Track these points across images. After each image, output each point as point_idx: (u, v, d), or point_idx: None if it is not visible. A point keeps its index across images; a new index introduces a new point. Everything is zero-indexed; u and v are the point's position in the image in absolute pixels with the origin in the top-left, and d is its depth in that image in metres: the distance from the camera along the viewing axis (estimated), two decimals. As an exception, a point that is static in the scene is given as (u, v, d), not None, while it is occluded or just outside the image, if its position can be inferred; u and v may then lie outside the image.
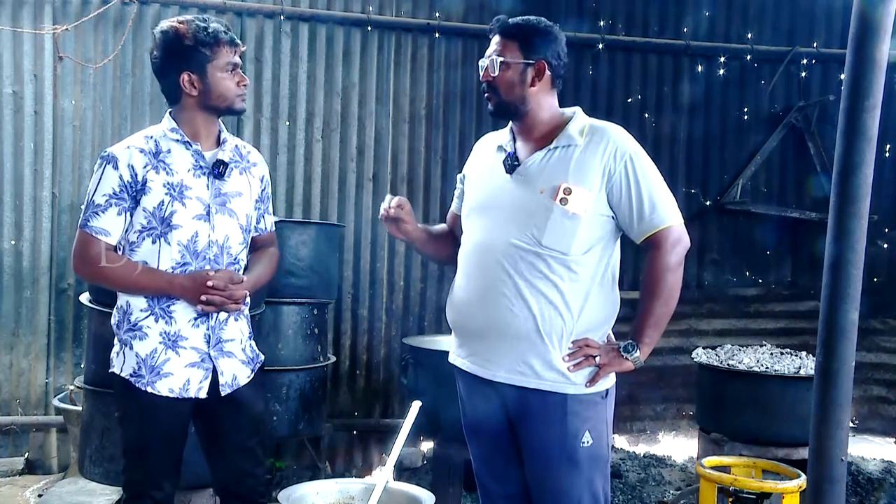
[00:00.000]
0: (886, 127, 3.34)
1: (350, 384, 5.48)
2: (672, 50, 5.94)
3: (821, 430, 2.41)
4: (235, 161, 2.63)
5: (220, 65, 2.48)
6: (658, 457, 5.47)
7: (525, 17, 2.51)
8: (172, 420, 2.54)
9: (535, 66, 2.46)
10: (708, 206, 6.05)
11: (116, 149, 2.52)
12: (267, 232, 2.78)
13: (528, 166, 2.45)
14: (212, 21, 2.51)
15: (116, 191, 2.47)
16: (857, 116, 2.35)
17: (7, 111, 4.99)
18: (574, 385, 2.41)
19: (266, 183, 2.76)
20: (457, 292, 2.55)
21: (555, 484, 2.44)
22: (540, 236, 2.38)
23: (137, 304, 2.51)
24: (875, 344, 6.04)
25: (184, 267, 2.49)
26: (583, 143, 2.43)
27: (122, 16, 5.09)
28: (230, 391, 2.58)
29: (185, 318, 2.51)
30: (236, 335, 2.62)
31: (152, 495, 2.54)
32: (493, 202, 2.48)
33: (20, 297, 5.00)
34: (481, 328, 2.45)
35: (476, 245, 2.49)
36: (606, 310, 2.49)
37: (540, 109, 2.50)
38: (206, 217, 2.52)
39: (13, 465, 4.92)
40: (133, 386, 2.50)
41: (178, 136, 2.53)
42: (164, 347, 2.50)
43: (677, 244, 2.43)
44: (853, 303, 2.38)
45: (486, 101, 2.53)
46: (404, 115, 5.54)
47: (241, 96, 2.54)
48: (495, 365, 2.44)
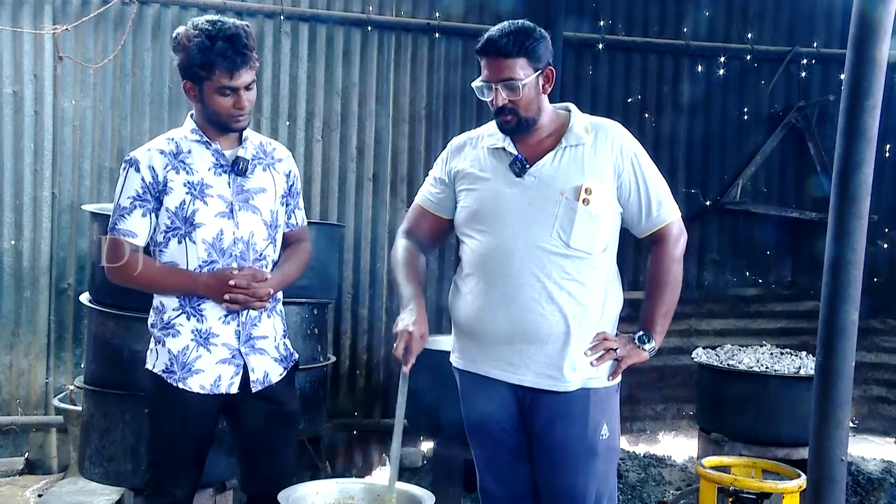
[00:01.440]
0: (886, 127, 3.33)
1: (350, 384, 5.48)
2: (672, 50, 5.94)
3: (821, 430, 2.41)
4: (259, 158, 2.64)
5: (214, 87, 2.45)
6: (658, 457, 5.47)
7: (511, 25, 2.40)
8: (201, 417, 2.57)
9: (544, 74, 2.44)
10: (708, 206, 6.04)
11: (138, 152, 2.57)
12: (298, 227, 2.79)
13: (540, 168, 2.43)
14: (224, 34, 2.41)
15: (140, 193, 2.51)
16: (857, 116, 2.35)
17: (7, 111, 4.99)
18: (597, 379, 2.44)
19: (294, 178, 2.75)
20: (470, 297, 2.49)
21: (572, 479, 2.44)
22: (567, 238, 2.38)
23: (170, 304, 2.55)
24: (875, 344, 6.04)
25: (211, 265, 2.52)
26: (590, 140, 2.44)
27: (122, 16, 5.09)
28: (261, 388, 2.59)
29: (216, 316, 2.54)
30: (269, 332, 2.64)
31: (172, 492, 2.57)
32: (503, 205, 2.44)
33: (20, 297, 5.00)
34: (507, 333, 2.42)
35: (491, 249, 2.44)
36: (619, 304, 2.54)
37: (545, 113, 2.49)
38: (230, 214, 2.54)
39: (13, 465, 4.92)
40: (165, 381, 2.54)
41: (198, 137, 2.56)
42: (195, 345, 2.54)
43: (680, 237, 2.51)
44: (853, 303, 2.39)
45: (504, 122, 2.44)
46: (404, 115, 5.54)
47: (235, 118, 2.50)
48: (520, 369, 2.43)
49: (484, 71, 2.43)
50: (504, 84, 2.38)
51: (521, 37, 2.38)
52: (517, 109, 2.41)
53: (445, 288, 5.40)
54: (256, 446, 2.66)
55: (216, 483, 3.66)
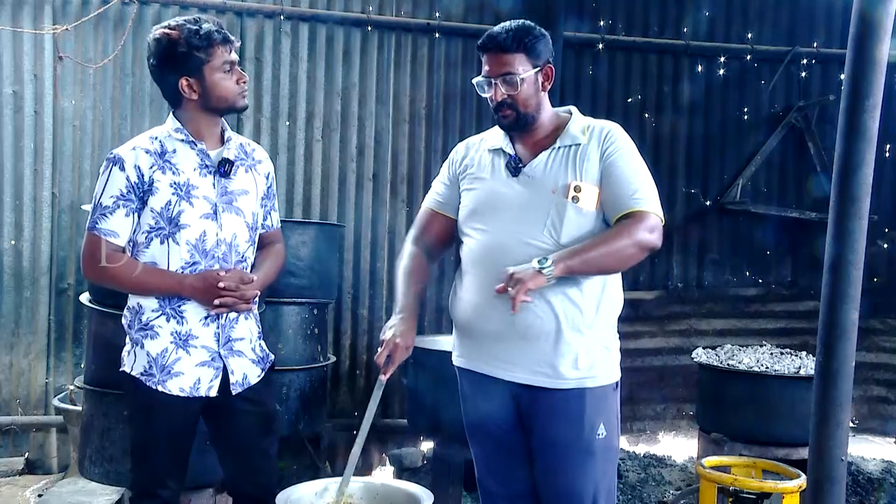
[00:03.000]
0: (886, 127, 3.33)
1: (350, 384, 5.48)
2: (672, 50, 5.94)
3: (821, 430, 2.41)
4: (241, 159, 2.63)
5: (217, 65, 2.47)
6: (658, 457, 5.47)
7: (512, 23, 2.46)
8: (181, 419, 2.55)
9: (544, 71, 2.47)
10: (708, 206, 6.05)
11: (122, 150, 2.52)
12: (273, 229, 2.79)
13: (533, 167, 2.46)
14: (203, 21, 2.49)
15: (124, 192, 2.47)
16: (857, 116, 2.35)
17: (7, 111, 4.99)
18: (593, 378, 2.43)
19: (272, 180, 2.76)
20: (467, 294, 2.52)
21: (569, 479, 2.45)
22: (558, 236, 2.38)
23: (149, 305, 2.52)
24: (875, 344, 6.04)
25: (193, 266, 2.50)
26: (585, 141, 2.46)
27: (122, 16, 5.09)
28: (241, 390, 2.59)
29: (196, 318, 2.52)
30: (246, 334, 2.63)
31: (158, 494, 2.56)
32: (499, 204, 2.47)
33: (20, 297, 5.00)
34: (499, 330, 2.43)
35: (486, 247, 2.47)
36: (619, 305, 2.54)
37: (544, 112, 2.52)
38: (214, 216, 2.53)
39: (13, 465, 4.93)
40: (143, 385, 2.51)
41: (183, 136, 2.54)
42: (174, 347, 2.51)
43: (652, 230, 2.35)
44: (853, 303, 2.39)
45: (502, 118, 2.47)
46: (404, 115, 5.54)
47: (241, 94, 2.54)
48: (515, 367, 2.44)
49: (484, 67, 2.46)
50: (503, 78, 2.42)
51: (521, 33, 2.43)
52: (516, 104, 2.44)
53: (445, 288, 5.47)
54: (239, 447, 2.65)
55: (216, 483, 3.66)
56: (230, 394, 2.57)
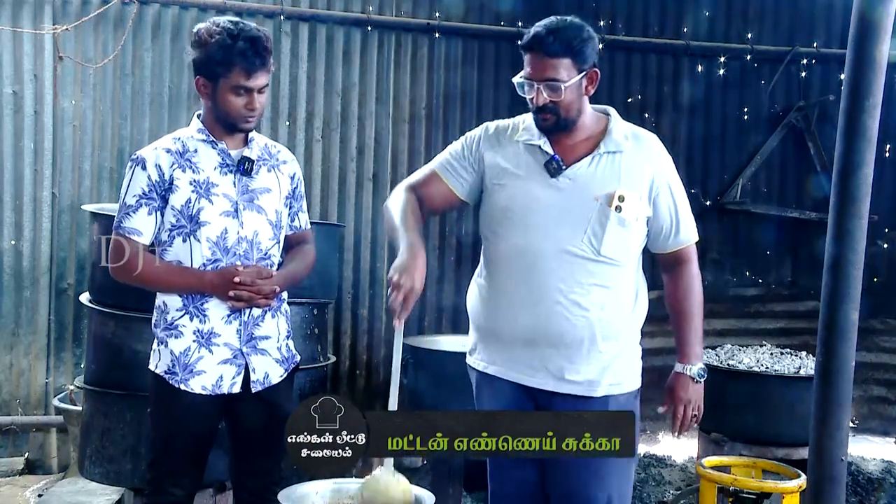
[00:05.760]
0: (886, 127, 3.33)
1: (350, 384, 5.48)
2: (672, 50, 5.94)
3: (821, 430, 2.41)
4: (264, 159, 2.66)
5: (230, 85, 2.47)
6: (658, 457, 5.46)
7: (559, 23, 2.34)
8: (203, 418, 2.59)
9: (588, 75, 2.38)
10: (708, 206, 6.04)
11: (145, 151, 2.59)
12: (302, 230, 2.81)
13: (576, 171, 2.38)
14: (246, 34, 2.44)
15: (146, 191, 2.53)
16: (857, 116, 2.35)
17: (7, 111, 4.99)
18: (619, 385, 2.42)
19: (298, 181, 2.78)
20: (494, 297, 2.46)
21: (583, 485, 2.40)
22: (598, 245, 2.35)
23: (174, 304, 2.56)
24: (875, 344, 6.03)
25: (215, 263, 2.54)
26: (629, 148, 2.41)
27: (122, 16, 5.09)
28: (261, 389, 2.61)
29: (219, 316, 2.55)
30: (272, 332, 2.65)
31: (173, 492, 2.58)
32: (535, 205, 2.38)
33: (20, 297, 5.00)
34: (529, 336, 2.38)
35: (520, 250, 2.39)
36: (645, 310, 2.55)
37: (586, 114, 2.43)
38: (235, 213, 2.56)
39: (13, 465, 4.92)
40: (167, 383, 2.55)
41: (204, 136, 2.58)
42: (197, 346, 2.55)
43: (695, 256, 2.57)
44: (853, 303, 2.38)
45: (542, 120, 2.36)
46: (404, 115, 5.54)
47: (246, 118, 2.53)
48: (541, 373, 2.39)
49: (526, 67, 2.35)
50: (546, 84, 2.31)
51: (569, 37, 2.31)
52: (558, 110, 2.34)
53: (446, 288, 5.47)
54: (251, 445, 2.68)
55: (216, 483, 3.66)
56: (250, 391, 2.60)
